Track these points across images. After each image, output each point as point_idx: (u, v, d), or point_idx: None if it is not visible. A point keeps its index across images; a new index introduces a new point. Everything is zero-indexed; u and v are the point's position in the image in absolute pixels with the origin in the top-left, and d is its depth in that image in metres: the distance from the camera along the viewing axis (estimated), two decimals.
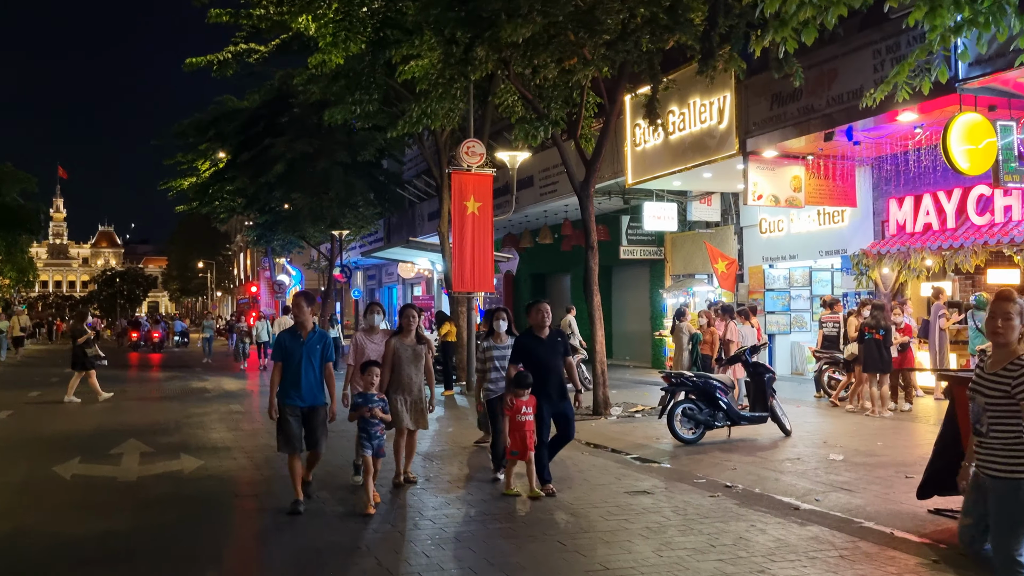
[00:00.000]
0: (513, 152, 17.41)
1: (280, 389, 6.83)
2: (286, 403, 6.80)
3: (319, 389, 6.90)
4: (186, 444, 10.41)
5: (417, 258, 25.10)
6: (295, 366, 6.77)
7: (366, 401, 6.87)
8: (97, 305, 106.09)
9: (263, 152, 30.61)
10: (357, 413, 6.89)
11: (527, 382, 7.17)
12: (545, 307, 7.61)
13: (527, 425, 7.16)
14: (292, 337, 6.89)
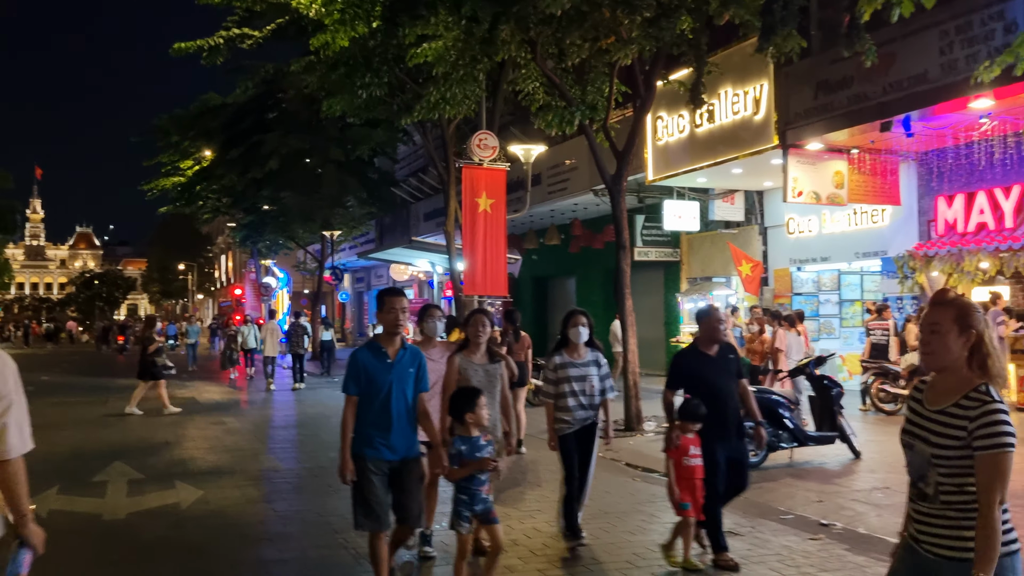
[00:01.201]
0: (528, 145, 16.27)
1: (356, 435, 4.75)
2: (368, 455, 4.70)
3: (414, 433, 4.87)
4: (180, 468, 9.16)
5: (417, 259, 23.86)
6: (382, 400, 4.70)
7: (473, 449, 4.82)
8: (75, 308, 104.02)
9: (253, 148, 29.32)
10: (467, 468, 4.74)
11: (700, 413, 5.44)
12: (717, 315, 5.77)
13: (697, 472, 5.50)
14: (375, 357, 4.75)
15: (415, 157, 35.66)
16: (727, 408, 5.56)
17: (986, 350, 2.65)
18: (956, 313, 2.68)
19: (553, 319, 27.52)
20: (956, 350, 2.66)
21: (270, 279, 42.33)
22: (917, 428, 2.73)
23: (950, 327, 2.66)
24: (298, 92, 29.43)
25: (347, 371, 4.82)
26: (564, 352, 6.09)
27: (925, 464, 2.67)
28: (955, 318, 2.67)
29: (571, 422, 5.97)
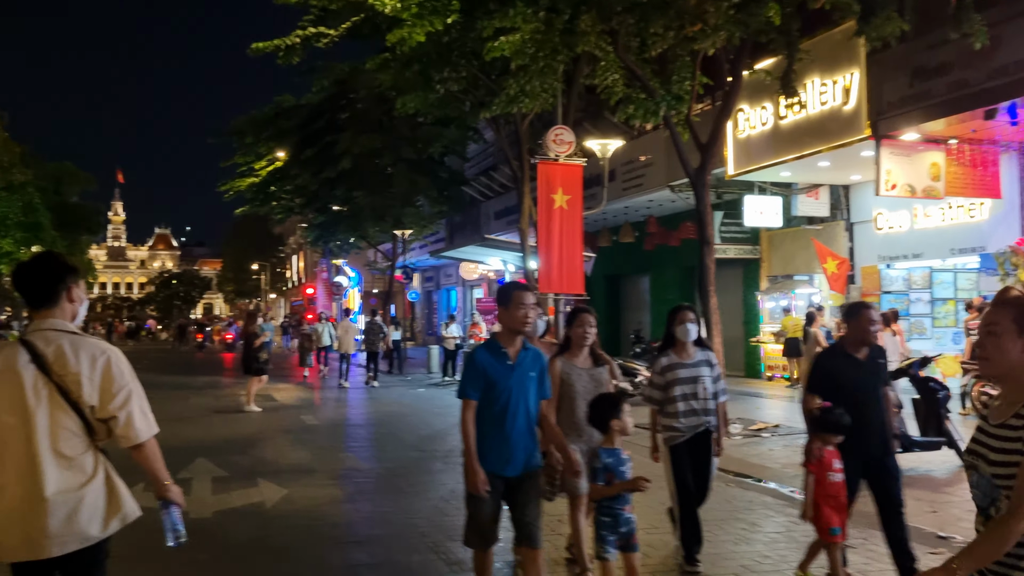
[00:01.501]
0: (605, 140, 15.94)
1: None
2: (485, 470, 4.19)
3: (535, 443, 4.35)
4: (262, 465, 9.12)
5: (489, 257, 23.70)
6: (501, 406, 4.19)
7: (619, 463, 4.28)
8: (154, 306, 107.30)
9: (326, 148, 29.63)
10: (615, 487, 4.28)
11: (844, 423, 4.77)
12: (870, 313, 5.06)
13: (841, 489, 4.81)
14: (496, 358, 4.24)
15: (485, 156, 35.59)
16: (872, 418, 4.89)
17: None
18: (1017, 312, 2.32)
19: (626, 318, 27.10)
20: (1015, 355, 2.30)
21: (342, 278, 42.81)
22: (979, 446, 2.37)
23: (1008, 328, 2.31)
24: (370, 92, 29.69)
25: (464, 373, 4.36)
26: (671, 352, 5.43)
27: (990, 487, 2.31)
28: (1015, 318, 2.31)
29: (682, 430, 5.31)
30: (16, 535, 2.85)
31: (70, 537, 2.85)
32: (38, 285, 3.02)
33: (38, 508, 2.83)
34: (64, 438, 2.87)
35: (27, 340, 2.94)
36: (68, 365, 2.88)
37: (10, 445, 2.86)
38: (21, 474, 2.85)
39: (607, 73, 12.80)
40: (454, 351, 21.64)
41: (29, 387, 2.86)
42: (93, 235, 42.77)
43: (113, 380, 2.94)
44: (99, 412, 2.91)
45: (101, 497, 2.95)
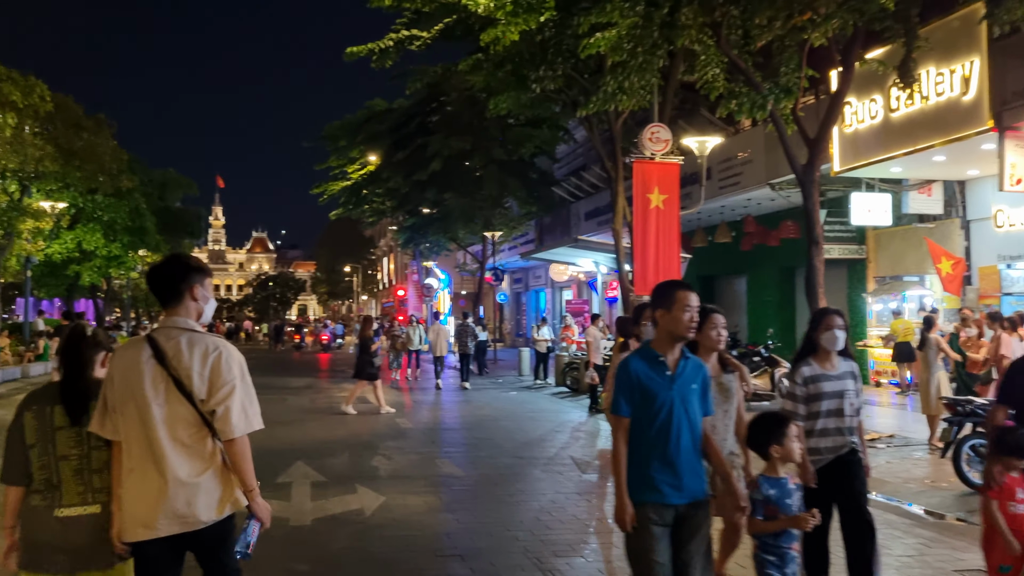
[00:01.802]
0: (703, 137, 15.44)
1: (630, 468, 3.64)
2: (649, 500, 3.57)
3: (702, 467, 3.74)
4: (359, 470, 9.05)
5: (580, 259, 23.36)
6: (661, 424, 3.60)
7: (783, 494, 3.76)
8: (252, 308, 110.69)
9: (417, 151, 29.86)
10: (780, 522, 3.72)
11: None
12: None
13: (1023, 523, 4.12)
14: (652, 368, 3.68)
15: (574, 156, 35.29)
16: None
17: None
18: None
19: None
20: None
21: (432, 280, 43.10)
22: None
23: None
24: (461, 94, 29.81)
25: (617, 384, 3.71)
26: (813, 361, 4.70)
27: None
28: None
29: (824, 452, 4.58)
30: (139, 516, 3.03)
31: (188, 519, 3.03)
32: (165, 284, 3.21)
33: (159, 491, 3.02)
34: (182, 428, 3.06)
35: (151, 336, 3.16)
36: (183, 360, 3.07)
37: (134, 433, 3.06)
38: (144, 460, 3.05)
39: (707, 68, 12.33)
40: (545, 354, 21.42)
41: (149, 380, 3.06)
42: (195, 239, 44.24)
43: (220, 375, 3.08)
44: (206, 405, 3.08)
45: (216, 483, 3.12)
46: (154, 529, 3.02)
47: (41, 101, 15.48)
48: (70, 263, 29.08)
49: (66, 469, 3.10)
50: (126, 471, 3.08)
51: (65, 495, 3.08)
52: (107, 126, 22.10)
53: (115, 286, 45.58)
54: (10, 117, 14.05)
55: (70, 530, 3.06)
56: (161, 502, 3.02)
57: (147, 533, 3.04)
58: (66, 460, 3.11)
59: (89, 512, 3.10)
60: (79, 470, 3.11)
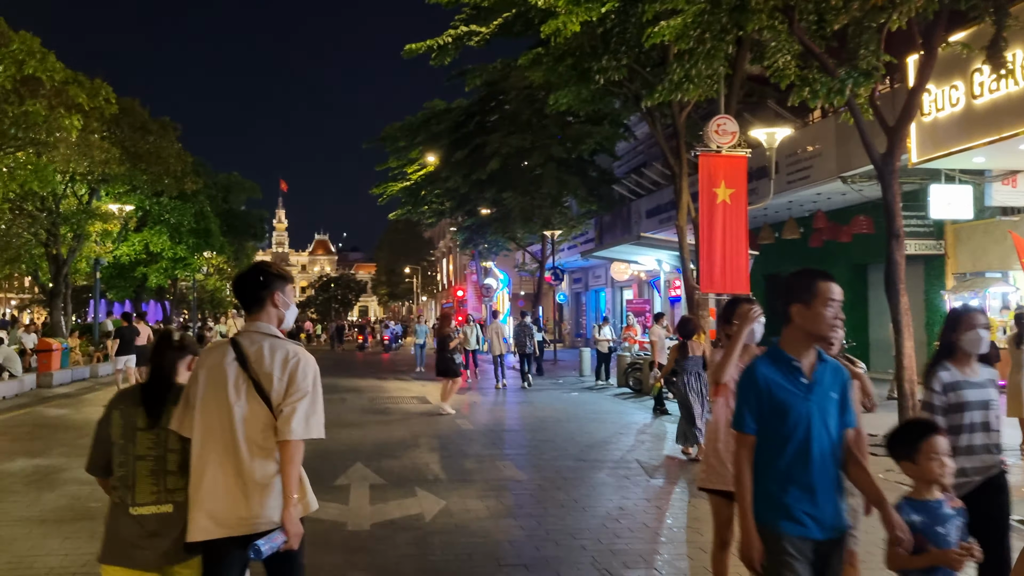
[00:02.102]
0: (772, 128, 14.85)
1: (760, 496, 3.08)
2: (786, 531, 3.01)
3: (843, 494, 3.14)
4: (419, 473, 8.81)
5: (643, 256, 22.87)
6: (800, 442, 3.05)
7: (934, 521, 3.11)
8: (314, 309, 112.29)
9: (476, 150, 29.71)
10: (930, 557, 3.05)
11: None
12: None
13: None
14: (785, 375, 3.12)
15: (634, 154, 34.75)
16: None
17: None
18: None
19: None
20: None
21: (491, 280, 42.95)
22: None
23: None
24: (519, 93, 29.57)
25: (739, 394, 3.18)
26: (952, 366, 4.06)
27: None
28: None
29: (968, 473, 3.91)
30: (215, 514, 3.09)
31: (261, 519, 3.08)
32: (248, 292, 3.31)
33: (234, 490, 3.09)
34: (260, 429, 3.12)
35: (235, 340, 3.25)
36: (264, 364, 3.16)
37: (215, 433, 3.13)
38: (222, 459, 3.11)
39: (777, 55, 11.80)
40: (607, 354, 21.01)
41: (231, 382, 3.15)
42: (258, 241, 44.89)
43: (296, 381, 3.16)
44: (279, 406, 3.14)
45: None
46: (228, 527, 3.08)
47: (107, 104, 15.67)
48: (138, 265, 29.66)
49: (142, 469, 3.19)
50: (201, 469, 3.13)
51: (139, 494, 3.17)
52: (172, 129, 22.41)
53: (181, 287, 46.55)
54: (76, 119, 14.23)
55: (143, 527, 3.14)
56: (235, 501, 3.09)
57: (220, 531, 3.09)
58: (143, 460, 3.20)
59: (162, 511, 3.16)
60: (155, 471, 3.19)
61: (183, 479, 3.17)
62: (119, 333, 17.37)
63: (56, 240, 20.92)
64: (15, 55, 13.12)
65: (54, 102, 14.05)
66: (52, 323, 23.49)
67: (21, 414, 14.21)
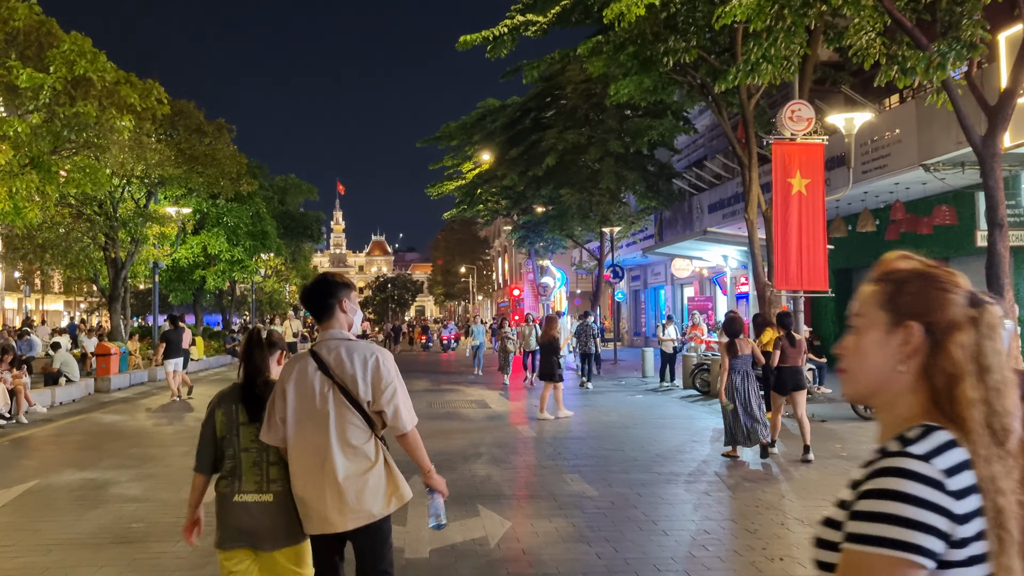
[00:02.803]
0: (850, 114, 13.91)
1: None
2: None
3: None
4: (480, 487, 8.20)
5: (708, 252, 21.97)
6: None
7: None
8: (371, 309, 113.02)
9: (532, 147, 29.11)
10: None
11: None
12: None
13: None
14: None
15: (694, 148, 33.77)
16: None
17: (953, 367, 1.29)
18: (889, 292, 1.39)
19: None
20: (879, 363, 1.36)
21: (548, 278, 42.27)
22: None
23: (874, 319, 1.38)
24: (576, 87, 28.87)
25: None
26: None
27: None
28: (884, 301, 1.38)
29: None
30: (315, 513, 3.32)
31: (358, 514, 3.30)
32: (317, 302, 3.49)
33: (332, 490, 3.29)
34: (350, 431, 3.33)
35: (314, 351, 3.43)
36: (345, 368, 3.35)
37: (309, 439, 3.33)
38: (319, 462, 3.31)
39: (860, 32, 10.91)
40: (672, 354, 20.17)
41: (317, 390, 3.35)
42: (315, 241, 44.93)
43: (381, 378, 3.36)
44: (373, 406, 3.36)
45: (382, 480, 3.37)
46: (332, 525, 3.30)
47: (159, 104, 15.44)
48: (196, 268, 29.73)
49: (247, 460, 3.41)
50: (302, 473, 3.34)
51: (244, 483, 3.38)
52: (227, 131, 22.27)
53: (240, 290, 46.87)
54: (128, 120, 14.00)
55: (248, 514, 3.35)
56: (334, 500, 3.28)
57: (325, 527, 3.33)
58: (247, 452, 3.41)
59: (263, 500, 3.37)
60: (257, 462, 3.41)
61: (283, 471, 3.40)
62: (165, 337, 17.19)
63: (114, 244, 20.90)
64: (66, 56, 12.94)
65: (105, 103, 13.86)
66: (112, 327, 23.55)
67: (76, 420, 14.03)
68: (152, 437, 12.09)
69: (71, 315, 55.71)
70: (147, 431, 12.75)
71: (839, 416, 13.49)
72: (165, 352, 16.94)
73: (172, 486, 8.31)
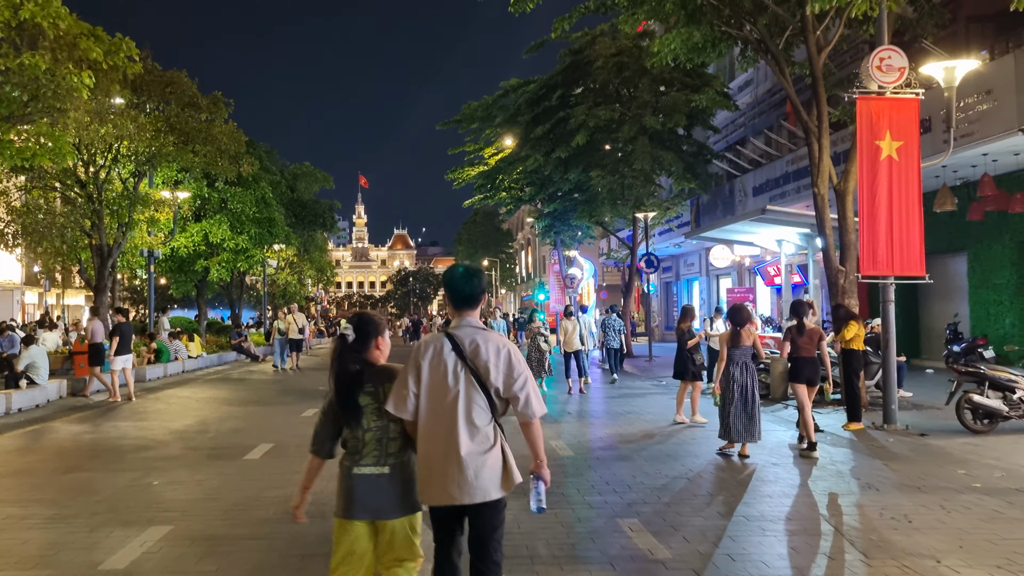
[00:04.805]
0: (951, 62, 11.46)
1: None
2: None
3: None
4: (510, 543, 5.92)
5: (760, 236, 19.54)
6: None
7: None
8: (393, 303, 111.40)
9: (559, 125, 26.78)
10: None
11: None
12: None
13: None
14: None
15: (733, 127, 31.32)
16: None
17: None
18: None
19: (932, 309, 21.81)
20: None
21: (575, 270, 39.94)
22: None
23: None
24: (607, 60, 26.51)
25: None
26: None
27: None
28: None
29: None
30: (437, 484, 3.56)
31: (475, 491, 3.53)
32: (468, 290, 3.75)
33: (454, 465, 3.53)
34: (475, 411, 3.58)
35: (451, 333, 3.68)
36: (480, 354, 3.61)
37: (439, 414, 3.58)
38: (446, 437, 3.56)
39: None
40: None
41: (450, 370, 3.61)
42: (330, 231, 42.77)
43: (514, 368, 3.63)
44: (504, 393, 3.63)
45: (499, 461, 3.61)
46: (451, 498, 3.52)
47: (129, 63, 13.28)
48: (198, 258, 27.69)
49: (369, 438, 3.61)
50: (427, 446, 3.57)
51: (365, 457, 3.59)
52: (223, 105, 20.15)
53: (252, 282, 44.85)
54: (87, 76, 11.86)
55: (365, 485, 3.55)
56: (454, 475, 3.51)
57: (444, 499, 3.55)
58: (369, 431, 3.61)
59: (380, 472, 3.57)
60: (379, 438, 3.61)
61: (402, 445, 3.62)
62: (119, 330, 15.26)
63: (100, 229, 18.84)
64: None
65: (60, 56, 11.75)
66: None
67: (26, 433, 11.90)
68: (101, 457, 9.96)
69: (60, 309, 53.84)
70: (100, 447, 10.62)
71: (941, 428, 11.11)
72: (118, 347, 15.09)
73: (88, 536, 6.15)
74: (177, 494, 7.63)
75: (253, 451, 9.94)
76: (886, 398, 11.49)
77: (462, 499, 3.50)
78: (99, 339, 15.81)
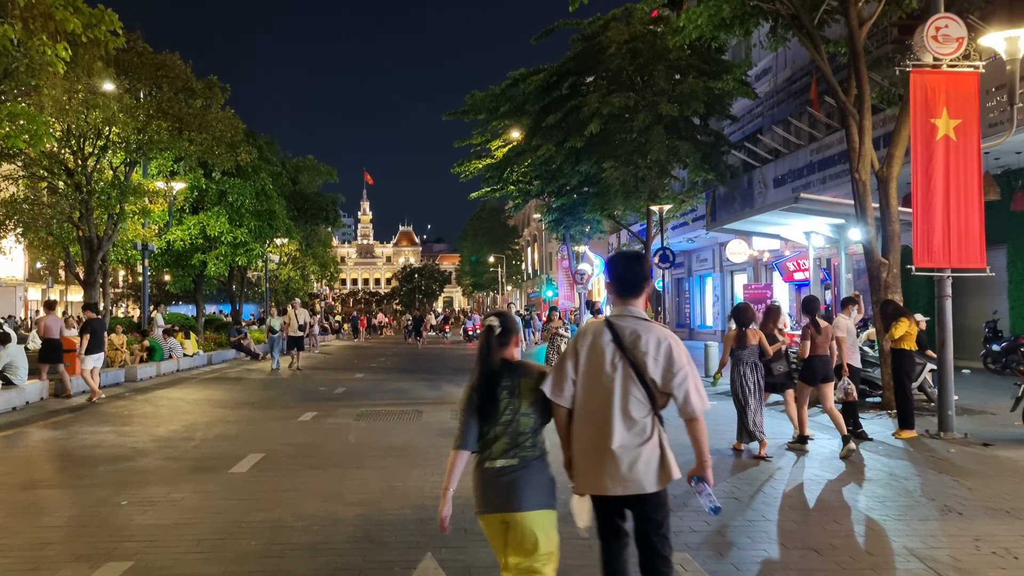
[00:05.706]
0: (1015, 31, 10.35)
1: None
2: None
3: None
4: None
5: (788, 227, 18.45)
6: None
7: None
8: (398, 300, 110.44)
9: (570, 114, 25.69)
10: None
11: None
12: None
13: None
14: None
15: (751, 117, 30.24)
16: None
17: None
18: None
19: (969, 306, 20.66)
20: None
21: (585, 265, 38.90)
22: None
23: None
24: (619, 47, 25.42)
25: None
26: None
27: None
28: None
29: None
30: (588, 473, 3.58)
31: (628, 483, 3.48)
32: (635, 279, 3.70)
33: (606, 455, 3.51)
34: (631, 404, 3.50)
35: (611, 322, 3.63)
36: (639, 345, 3.54)
37: (594, 403, 3.56)
38: (598, 427, 3.54)
39: None
40: None
41: (608, 360, 3.56)
42: (333, 225, 41.70)
43: (673, 362, 3.51)
44: (661, 386, 3.52)
45: (655, 455, 3.52)
46: (603, 488, 3.52)
47: (112, 36, 12.25)
48: (195, 251, 26.66)
49: (499, 431, 3.56)
50: (581, 434, 3.59)
51: (495, 450, 3.54)
52: (219, 89, 19.14)
53: (254, 276, 43.88)
54: (61, 48, 10.82)
55: (495, 478, 3.50)
56: (607, 465, 3.49)
57: (596, 489, 3.57)
58: (500, 425, 3.56)
59: (509, 464, 3.50)
60: (511, 432, 3.54)
61: (532, 440, 3.55)
62: (89, 326, 14.36)
63: (88, 221, 17.83)
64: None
65: (33, 26, 10.72)
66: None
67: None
68: (70, 469, 8.94)
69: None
70: (72, 457, 9.59)
71: (1004, 437, 10.03)
72: (89, 346, 14.23)
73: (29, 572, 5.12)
74: (146, 518, 6.59)
75: (241, 462, 8.90)
76: (942, 403, 10.41)
77: (614, 490, 3.48)
78: (53, 335, 14.88)
